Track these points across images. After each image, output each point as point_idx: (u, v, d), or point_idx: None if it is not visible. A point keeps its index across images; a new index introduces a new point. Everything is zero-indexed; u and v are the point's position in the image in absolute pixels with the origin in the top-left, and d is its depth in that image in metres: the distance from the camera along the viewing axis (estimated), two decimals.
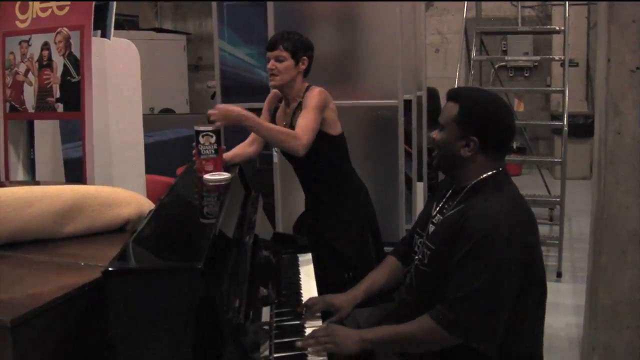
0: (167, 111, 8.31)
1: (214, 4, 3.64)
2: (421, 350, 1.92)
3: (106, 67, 3.62)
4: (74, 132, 5.50)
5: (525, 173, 8.81)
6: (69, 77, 3.58)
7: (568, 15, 5.07)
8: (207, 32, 10.03)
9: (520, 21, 8.67)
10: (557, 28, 5.68)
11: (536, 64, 8.87)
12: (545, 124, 6.71)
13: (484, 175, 1.99)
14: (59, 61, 3.54)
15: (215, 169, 2.56)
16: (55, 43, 3.53)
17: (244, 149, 2.94)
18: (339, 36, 3.02)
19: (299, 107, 2.85)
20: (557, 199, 4.84)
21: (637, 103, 2.61)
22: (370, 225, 3.00)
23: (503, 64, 8.61)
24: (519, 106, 6.00)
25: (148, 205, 2.29)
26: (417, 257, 2.12)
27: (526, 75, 8.97)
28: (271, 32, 3.54)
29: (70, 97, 3.60)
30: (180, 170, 5.43)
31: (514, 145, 9.14)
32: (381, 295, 2.33)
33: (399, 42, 3.45)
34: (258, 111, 3.65)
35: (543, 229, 6.29)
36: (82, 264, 1.85)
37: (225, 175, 2.47)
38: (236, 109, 2.62)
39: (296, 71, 2.84)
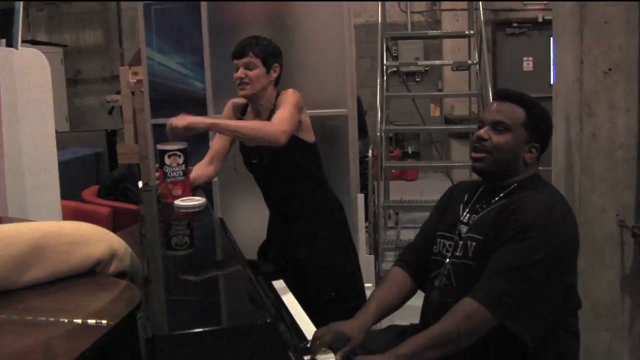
0: None
1: (140, 7, 3.29)
2: (461, 346, 1.77)
3: (15, 82, 3.18)
4: None
5: (422, 177, 8.93)
6: None
7: (482, 19, 5.11)
8: (86, 44, 9.42)
9: (409, 26, 8.80)
10: (467, 32, 5.74)
11: (427, 68, 9.03)
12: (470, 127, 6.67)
13: (526, 176, 1.97)
14: None
15: (185, 193, 2.28)
16: None
17: (203, 169, 2.65)
18: (281, 43, 2.79)
19: (272, 113, 2.60)
20: None
21: (611, 105, 2.60)
22: (349, 239, 2.81)
23: (394, 69, 8.69)
24: (435, 111, 6.02)
25: (118, 242, 1.95)
26: (450, 254, 2.00)
27: (417, 80, 9.10)
28: (206, 38, 3.25)
29: None
30: (86, 193, 4.98)
31: (409, 150, 9.27)
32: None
33: (347, 48, 3.27)
34: None
35: None
36: (66, 321, 1.51)
37: (199, 200, 2.19)
38: (201, 119, 2.40)
39: (268, 80, 2.59)
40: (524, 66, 8.69)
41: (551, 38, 8.94)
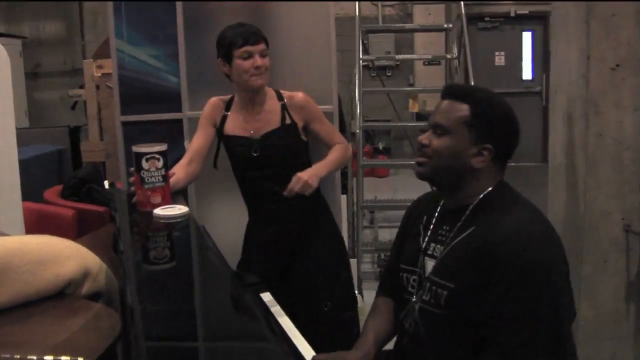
0: None
1: None
2: None
3: None
4: None
5: (394, 174, 8.78)
6: None
7: (464, 12, 4.96)
8: (46, 36, 9.02)
9: (380, 20, 8.64)
10: (445, 25, 5.58)
11: (398, 62, 8.88)
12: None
13: (490, 189, 1.68)
14: None
15: (164, 201, 2.05)
16: None
17: (183, 170, 2.42)
18: (263, 32, 2.61)
19: (271, 112, 2.52)
20: None
21: (617, 102, 2.46)
22: (342, 243, 2.64)
23: (366, 63, 8.51)
24: (413, 107, 5.86)
25: (92, 259, 1.72)
26: (416, 298, 1.75)
27: (389, 74, 8.95)
28: (181, 28, 3.00)
29: None
30: (49, 194, 4.69)
31: (380, 146, 9.11)
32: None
33: (332, 41, 3.06)
34: (167, 123, 3.11)
35: None
36: (34, 358, 1.28)
37: (181, 209, 1.97)
38: (313, 175, 2.38)
39: None
40: (496, 61, 8.57)
41: (523, 33, 8.86)
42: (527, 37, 8.28)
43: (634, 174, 2.49)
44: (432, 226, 1.77)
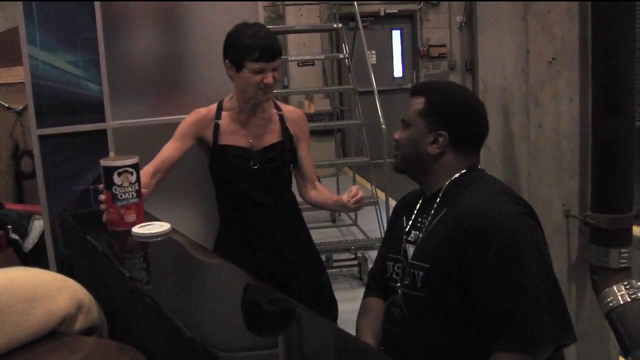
0: None
1: None
2: None
3: None
4: None
5: None
6: None
7: (358, 13, 5.02)
8: None
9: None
10: (335, 25, 5.64)
11: None
12: (348, 123, 6.48)
13: (457, 175, 1.79)
14: None
15: (139, 219, 1.88)
16: None
17: (147, 179, 2.23)
18: (187, 36, 2.50)
19: (271, 122, 2.44)
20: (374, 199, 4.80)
21: (555, 95, 2.58)
22: (317, 251, 2.64)
23: None
24: (309, 108, 5.83)
25: (81, 290, 1.56)
26: (399, 284, 1.80)
27: None
28: (100, 30, 2.77)
29: None
30: None
31: None
32: None
33: None
34: (90, 134, 2.86)
35: (332, 232, 6.27)
36: None
37: (163, 225, 1.82)
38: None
39: None
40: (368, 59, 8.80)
41: (392, 31, 9.17)
42: (396, 35, 8.61)
43: (571, 162, 2.63)
44: (413, 215, 1.84)
